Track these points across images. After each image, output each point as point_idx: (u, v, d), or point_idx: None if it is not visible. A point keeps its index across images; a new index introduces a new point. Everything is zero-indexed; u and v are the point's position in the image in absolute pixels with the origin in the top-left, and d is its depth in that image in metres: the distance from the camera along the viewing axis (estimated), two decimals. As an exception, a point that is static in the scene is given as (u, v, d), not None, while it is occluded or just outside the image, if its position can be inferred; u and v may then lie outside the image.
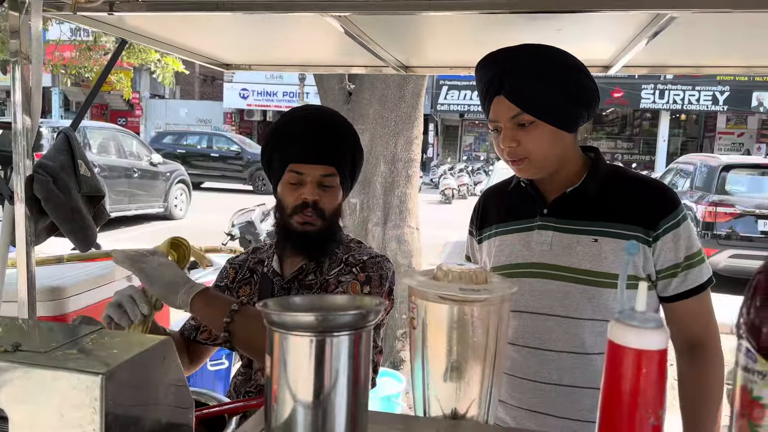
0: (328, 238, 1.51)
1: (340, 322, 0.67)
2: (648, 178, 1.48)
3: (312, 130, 1.49)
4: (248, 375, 1.54)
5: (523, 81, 1.34)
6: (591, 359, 1.37)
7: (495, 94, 1.36)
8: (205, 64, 2.30)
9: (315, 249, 1.51)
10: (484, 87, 1.39)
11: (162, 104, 27.92)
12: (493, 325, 0.84)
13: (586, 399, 1.37)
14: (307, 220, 1.45)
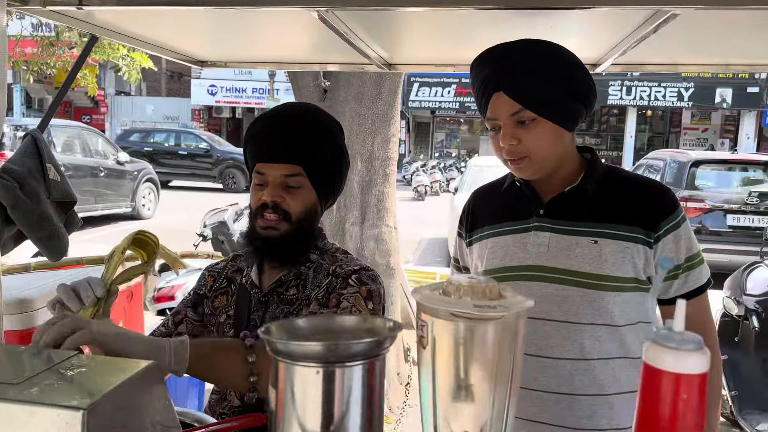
0: (296, 244, 1.40)
1: (353, 351, 0.60)
2: (646, 178, 1.46)
3: (274, 127, 1.42)
4: (222, 395, 1.43)
5: (524, 76, 1.30)
6: (590, 365, 1.34)
7: (494, 91, 1.32)
8: (179, 60, 2.20)
9: (279, 255, 1.41)
10: (482, 84, 1.35)
11: (128, 101, 27.38)
12: (508, 342, 0.78)
13: (586, 407, 1.34)
14: (268, 224, 1.37)
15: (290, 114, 1.45)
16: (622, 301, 1.32)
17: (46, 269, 2.23)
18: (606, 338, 1.33)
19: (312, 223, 1.44)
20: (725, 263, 6.92)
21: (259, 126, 1.44)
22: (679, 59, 2.13)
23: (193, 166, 17.78)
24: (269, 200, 1.36)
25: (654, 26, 1.37)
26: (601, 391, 1.34)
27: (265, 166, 1.38)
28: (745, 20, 1.46)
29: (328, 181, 1.45)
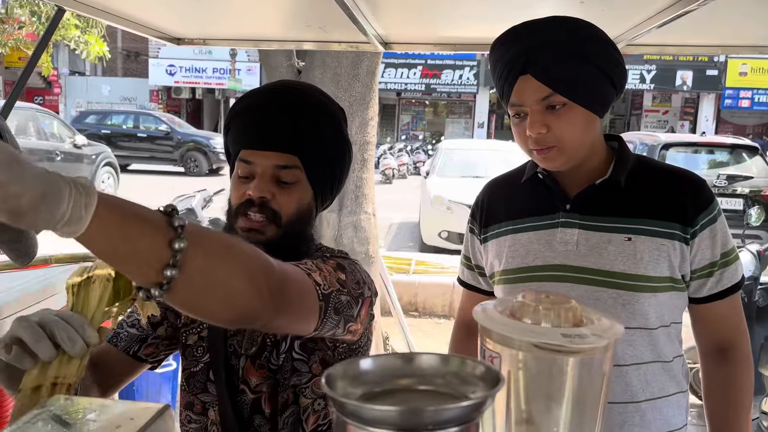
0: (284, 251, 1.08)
1: (448, 417, 0.46)
2: (680, 169, 1.34)
3: (266, 106, 1.15)
4: (203, 425, 1.20)
5: (554, 57, 1.18)
6: (622, 371, 1.24)
7: (520, 74, 1.19)
8: (155, 37, 2.01)
9: None
10: (506, 66, 1.22)
11: (82, 81, 26.46)
12: (596, 378, 0.66)
13: (616, 415, 1.25)
14: (252, 225, 1.11)
15: (287, 92, 1.19)
16: (657, 303, 1.23)
17: (11, 270, 2.02)
18: (639, 342, 1.25)
19: (305, 226, 1.19)
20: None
21: (247, 103, 1.18)
22: (692, 41, 2.04)
23: (153, 149, 17.33)
24: (256, 196, 1.11)
25: (683, 11, 1.25)
26: (633, 399, 1.25)
27: (253, 153, 1.13)
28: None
29: (329, 177, 1.20)
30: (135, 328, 1.22)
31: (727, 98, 23.64)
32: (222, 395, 1.16)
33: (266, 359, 1.16)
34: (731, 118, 25.64)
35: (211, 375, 1.18)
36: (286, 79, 1.34)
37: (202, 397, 1.19)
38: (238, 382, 1.16)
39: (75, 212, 0.63)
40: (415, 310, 6.09)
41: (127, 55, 27.93)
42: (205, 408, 1.19)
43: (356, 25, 1.57)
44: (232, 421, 1.15)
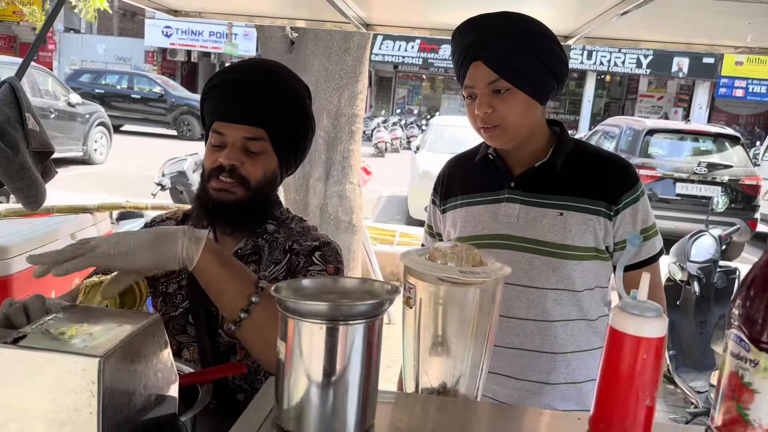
0: (251, 211, 1.30)
1: (356, 311, 0.67)
2: (611, 154, 1.54)
3: (238, 83, 1.29)
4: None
5: (502, 47, 1.35)
6: (551, 326, 1.44)
7: (473, 60, 1.37)
8: (152, 8, 2.16)
9: (232, 222, 1.31)
10: (461, 52, 1.39)
11: (78, 39, 26.14)
12: (486, 305, 0.86)
13: (545, 363, 1.45)
14: (223, 186, 1.26)
15: (257, 71, 1.32)
16: (582, 269, 1.43)
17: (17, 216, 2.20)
18: (566, 302, 1.44)
19: (270, 190, 1.35)
20: (672, 230, 7.24)
21: (222, 79, 1.32)
22: (646, 36, 2.21)
23: (146, 110, 17.25)
24: (227, 163, 1.25)
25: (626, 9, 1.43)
26: (560, 350, 1.45)
27: (225, 125, 1.27)
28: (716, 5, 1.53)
29: (292, 149, 1.36)
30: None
31: (721, 87, 23.72)
32: (201, 337, 1.31)
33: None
34: (725, 107, 25.78)
35: (191, 319, 1.33)
36: (256, 58, 1.50)
37: (179, 338, 1.34)
38: (216, 327, 1.30)
39: (189, 251, 1.01)
40: (397, 279, 6.32)
41: (123, 14, 27.58)
42: (180, 348, 1.34)
43: (335, 8, 1.74)
44: (210, 360, 1.30)
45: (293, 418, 0.68)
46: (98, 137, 12.03)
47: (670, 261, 4.12)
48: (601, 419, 0.73)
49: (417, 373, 0.90)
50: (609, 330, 0.72)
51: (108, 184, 9.53)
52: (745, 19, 1.57)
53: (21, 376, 0.73)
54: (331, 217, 4.64)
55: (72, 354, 0.72)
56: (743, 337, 0.66)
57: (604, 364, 0.73)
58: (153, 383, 0.84)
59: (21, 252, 1.97)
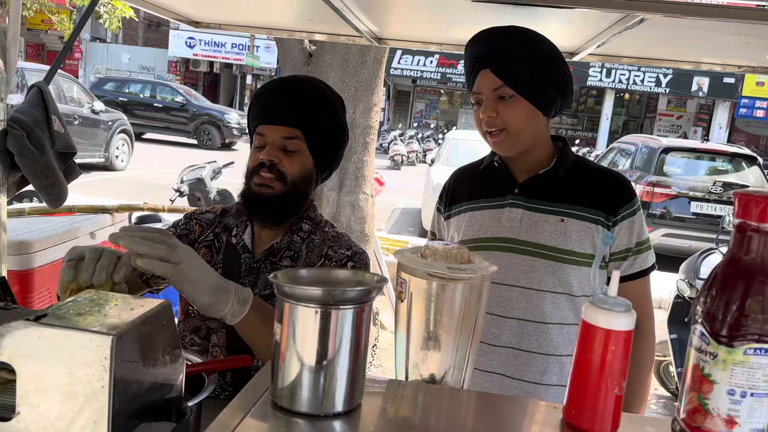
0: (288, 205, 1.44)
1: (347, 297, 0.73)
2: (611, 170, 1.61)
3: (279, 90, 1.47)
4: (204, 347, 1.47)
5: (507, 56, 1.44)
6: (548, 328, 1.49)
7: (481, 68, 1.45)
8: (175, 20, 2.26)
9: (271, 215, 1.44)
10: (473, 61, 1.48)
11: (103, 48, 26.69)
12: (473, 300, 0.92)
13: (540, 363, 1.50)
14: (263, 181, 1.40)
15: (297, 81, 1.52)
16: (580, 274, 1.48)
17: (40, 215, 2.31)
18: (564, 305, 1.49)
19: (307, 187, 1.47)
20: (686, 248, 7.22)
21: (265, 89, 1.50)
22: (654, 54, 2.27)
23: (168, 119, 17.56)
24: (266, 158, 1.40)
25: (626, 27, 1.49)
26: (555, 352, 1.50)
27: (266, 128, 1.42)
28: (711, 25, 1.59)
29: (326, 151, 1.49)
30: None
31: (742, 107, 23.53)
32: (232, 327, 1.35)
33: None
34: (746, 128, 25.55)
35: None
36: (298, 74, 1.72)
37: (209, 323, 1.46)
38: None
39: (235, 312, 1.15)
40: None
41: (148, 25, 28.10)
42: (209, 332, 1.46)
43: (348, 23, 1.82)
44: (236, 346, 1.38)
45: (287, 395, 0.74)
46: (120, 144, 12.27)
47: (679, 278, 4.13)
48: (573, 407, 0.78)
49: (407, 364, 0.96)
50: (581, 323, 0.78)
51: (128, 190, 9.72)
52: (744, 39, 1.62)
53: (42, 351, 0.80)
54: (344, 226, 4.71)
55: (88, 332, 0.79)
56: (705, 332, 0.71)
57: (577, 356, 0.78)
58: (161, 365, 0.91)
59: (43, 247, 2.08)
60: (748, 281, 0.69)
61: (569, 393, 0.79)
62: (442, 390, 0.90)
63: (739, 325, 0.69)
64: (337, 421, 0.73)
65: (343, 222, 4.71)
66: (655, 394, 4.46)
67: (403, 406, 0.84)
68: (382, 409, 0.81)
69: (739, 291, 0.69)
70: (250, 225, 1.50)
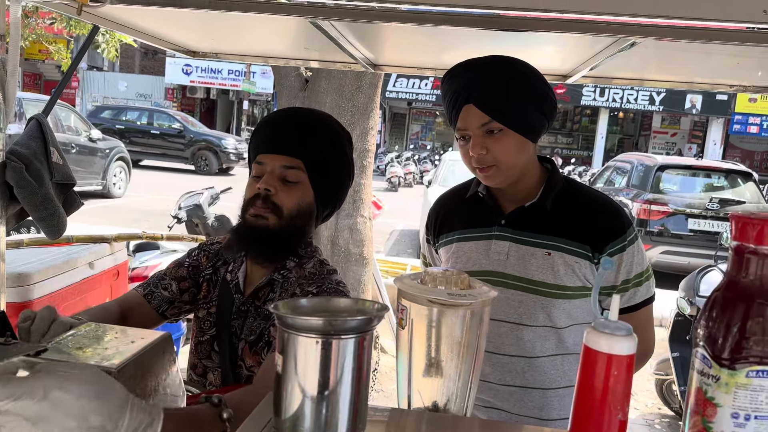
0: (283, 240, 1.33)
1: (348, 326, 0.73)
2: (602, 197, 1.52)
3: (283, 120, 1.41)
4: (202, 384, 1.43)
5: (492, 90, 1.38)
6: (541, 362, 1.45)
7: (464, 103, 1.40)
8: (173, 50, 2.28)
9: (263, 250, 1.35)
10: (453, 96, 1.42)
11: (100, 77, 26.89)
12: (474, 325, 0.92)
13: (537, 399, 1.47)
14: (257, 212, 1.31)
15: (302, 111, 1.45)
16: (571, 306, 1.44)
17: (38, 245, 2.31)
18: (551, 337, 1.45)
19: (305, 224, 1.36)
20: (684, 265, 7.23)
21: (268, 118, 1.44)
22: (645, 75, 2.29)
23: (165, 146, 17.64)
24: (262, 188, 1.30)
25: (618, 50, 1.51)
26: (551, 385, 1.47)
27: (266, 156, 1.34)
28: (701, 47, 1.61)
29: (328, 185, 1.39)
30: (167, 291, 1.45)
31: (735, 123, 23.71)
32: (225, 364, 1.38)
33: (262, 348, 1.32)
34: (740, 144, 25.73)
35: (216, 346, 1.40)
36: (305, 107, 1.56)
37: (205, 362, 1.43)
38: (237, 360, 1.37)
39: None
40: (407, 313, 6.31)
41: (144, 53, 28.35)
42: (205, 371, 1.43)
43: (343, 51, 1.84)
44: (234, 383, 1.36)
45: (289, 426, 0.74)
46: (117, 171, 12.30)
47: (679, 296, 4.12)
48: (577, 433, 0.78)
49: (409, 392, 0.95)
50: (583, 348, 0.78)
51: (126, 217, 9.71)
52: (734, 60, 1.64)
53: (43, 386, 0.79)
54: (342, 249, 4.71)
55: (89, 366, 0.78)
56: (706, 355, 0.72)
57: (579, 381, 0.78)
58: (162, 395, 0.91)
59: (42, 279, 2.07)
60: (747, 303, 0.69)
61: (573, 419, 0.78)
62: (445, 418, 0.90)
63: (741, 347, 0.69)
64: (340, 453, 0.73)
65: (342, 245, 4.71)
66: (659, 413, 4.43)
67: (406, 436, 0.84)
68: (386, 440, 0.81)
69: (739, 313, 0.70)
70: (245, 261, 1.43)
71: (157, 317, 1.46)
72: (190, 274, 1.48)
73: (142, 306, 1.43)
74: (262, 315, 1.35)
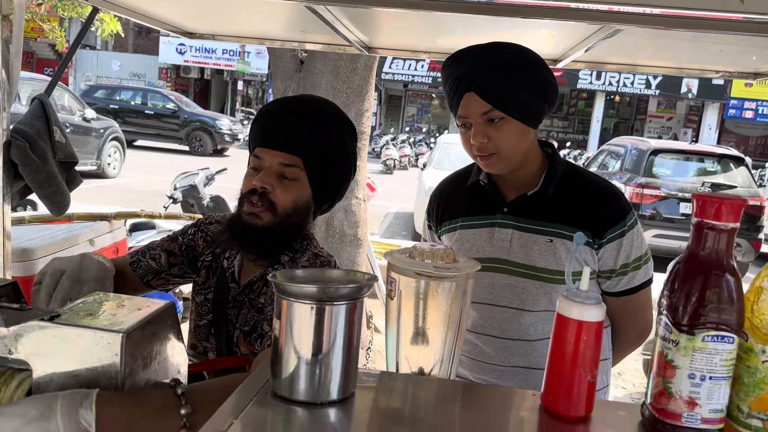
0: (277, 238, 1.32)
1: (340, 294, 0.79)
2: (603, 182, 1.54)
3: (282, 113, 1.34)
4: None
5: (494, 78, 1.38)
6: (542, 344, 1.49)
7: (466, 90, 1.40)
8: (169, 31, 2.32)
9: (255, 247, 1.33)
10: (454, 83, 1.43)
11: (93, 56, 26.68)
12: (458, 297, 0.98)
13: (539, 378, 1.51)
14: (252, 210, 1.29)
15: (301, 103, 1.37)
16: None
17: (40, 222, 2.36)
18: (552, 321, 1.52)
19: (301, 220, 1.35)
20: (676, 249, 7.33)
21: (267, 109, 1.38)
22: (637, 60, 2.34)
23: (160, 126, 17.58)
24: (259, 186, 1.29)
25: (604, 36, 1.56)
26: None
27: (264, 151, 1.31)
28: (688, 34, 1.66)
29: (327, 182, 1.36)
30: (155, 261, 1.45)
31: (731, 108, 23.79)
32: (222, 350, 1.41)
33: (255, 339, 1.33)
34: (735, 129, 25.82)
35: (213, 330, 1.42)
36: (306, 94, 1.48)
37: (204, 343, 1.45)
38: (232, 346, 1.39)
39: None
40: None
41: (138, 32, 28.10)
42: (205, 350, 1.45)
43: (338, 34, 1.88)
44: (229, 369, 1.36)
45: (286, 385, 0.80)
46: (112, 152, 12.28)
47: (667, 277, 4.20)
48: (549, 393, 0.84)
49: (398, 358, 1.02)
50: (556, 316, 0.84)
51: (121, 197, 9.74)
52: (717, 47, 1.69)
53: (56, 348, 0.85)
54: (337, 230, 4.77)
55: (99, 330, 0.85)
56: (668, 322, 0.78)
57: (552, 346, 0.85)
58: (165, 359, 0.97)
59: (45, 254, 2.14)
60: (705, 275, 0.76)
61: (546, 380, 0.85)
62: (431, 381, 0.96)
63: (698, 314, 0.75)
64: (332, 409, 0.79)
65: (336, 227, 4.77)
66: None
67: (394, 395, 0.91)
68: (375, 398, 0.88)
69: (697, 284, 0.76)
70: (240, 254, 1.41)
71: (143, 285, 1.47)
72: (182, 252, 1.48)
73: (128, 273, 1.45)
74: (256, 307, 1.35)
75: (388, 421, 0.82)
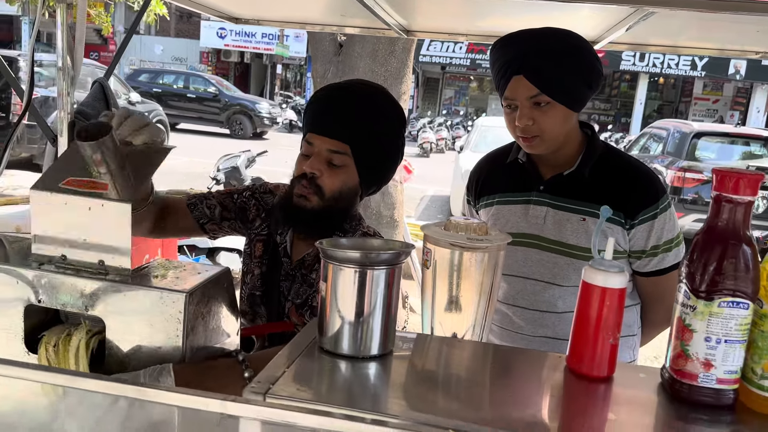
0: (324, 220, 1.37)
1: (381, 259, 0.87)
2: (639, 165, 1.59)
3: (334, 99, 1.40)
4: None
5: (544, 63, 1.43)
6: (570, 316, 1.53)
7: (514, 73, 1.46)
8: (215, 16, 2.41)
9: (304, 228, 1.40)
10: (503, 66, 1.48)
11: (136, 40, 27.21)
12: (490, 267, 1.05)
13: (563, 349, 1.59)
14: (302, 192, 1.36)
15: (355, 90, 1.42)
16: None
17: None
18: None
19: (348, 205, 1.41)
20: (716, 233, 7.17)
21: (320, 95, 1.43)
22: (678, 42, 2.33)
23: (201, 109, 17.89)
24: (308, 171, 1.35)
25: (639, 18, 1.58)
26: None
27: (315, 137, 1.37)
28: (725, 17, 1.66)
29: (374, 169, 1.42)
30: (210, 210, 1.50)
31: (781, 90, 22.97)
32: (272, 320, 1.48)
33: (306, 311, 1.40)
34: (785, 111, 24.93)
35: (264, 300, 1.50)
36: (363, 80, 1.52)
37: (256, 309, 1.52)
38: (283, 317, 1.46)
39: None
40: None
41: (180, 16, 28.54)
42: (255, 317, 1.52)
43: (377, 17, 1.94)
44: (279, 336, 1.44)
45: (331, 341, 0.89)
46: (156, 134, 12.55)
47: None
48: (575, 355, 0.91)
49: (432, 323, 1.09)
50: (581, 283, 0.90)
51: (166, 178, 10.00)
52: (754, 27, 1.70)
53: (126, 307, 0.96)
54: (374, 212, 4.86)
55: (165, 290, 0.95)
56: (687, 289, 0.83)
57: (578, 311, 0.91)
58: (222, 320, 1.07)
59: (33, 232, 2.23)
60: (723, 245, 0.81)
61: (571, 343, 0.92)
62: (463, 342, 1.04)
63: (715, 282, 0.80)
64: (372, 362, 0.87)
65: (373, 208, 4.86)
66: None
67: (429, 354, 0.98)
68: (411, 355, 0.96)
69: (716, 254, 0.81)
70: (290, 232, 1.48)
71: (197, 227, 1.51)
72: (235, 210, 1.53)
73: (183, 210, 1.50)
74: (308, 282, 1.40)
75: (422, 374, 0.90)
